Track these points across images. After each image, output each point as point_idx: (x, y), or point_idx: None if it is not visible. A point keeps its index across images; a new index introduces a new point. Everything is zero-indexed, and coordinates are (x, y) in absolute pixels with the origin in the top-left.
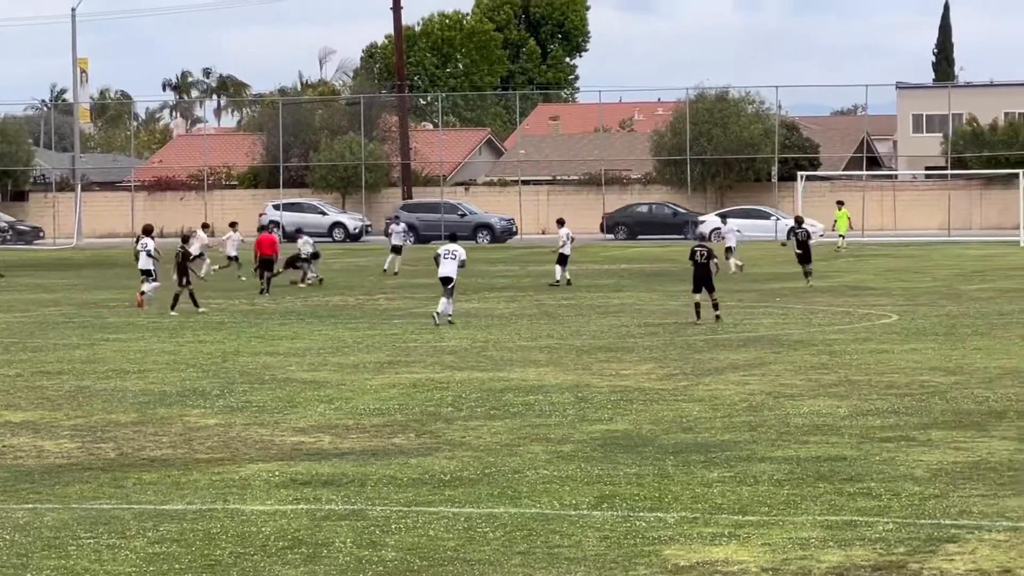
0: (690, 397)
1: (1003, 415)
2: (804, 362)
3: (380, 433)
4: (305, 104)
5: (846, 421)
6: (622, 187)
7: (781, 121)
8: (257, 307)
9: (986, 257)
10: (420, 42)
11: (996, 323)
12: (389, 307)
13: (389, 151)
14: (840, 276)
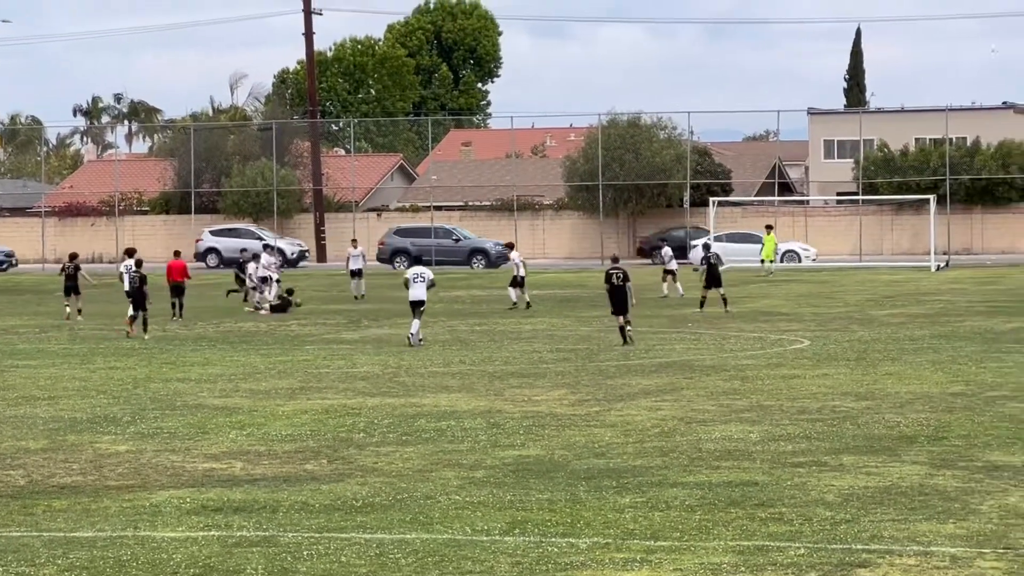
0: (602, 423)
1: (914, 440)
2: (716, 387)
3: (292, 459)
4: (217, 129)
5: (758, 446)
6: (534, 213)
7: (693, 147)
8: (169, 333)
9: (897, 283)
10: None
11: (907, 348)
12: (301, 333)
13: (301, 177)
14: (752, 302)
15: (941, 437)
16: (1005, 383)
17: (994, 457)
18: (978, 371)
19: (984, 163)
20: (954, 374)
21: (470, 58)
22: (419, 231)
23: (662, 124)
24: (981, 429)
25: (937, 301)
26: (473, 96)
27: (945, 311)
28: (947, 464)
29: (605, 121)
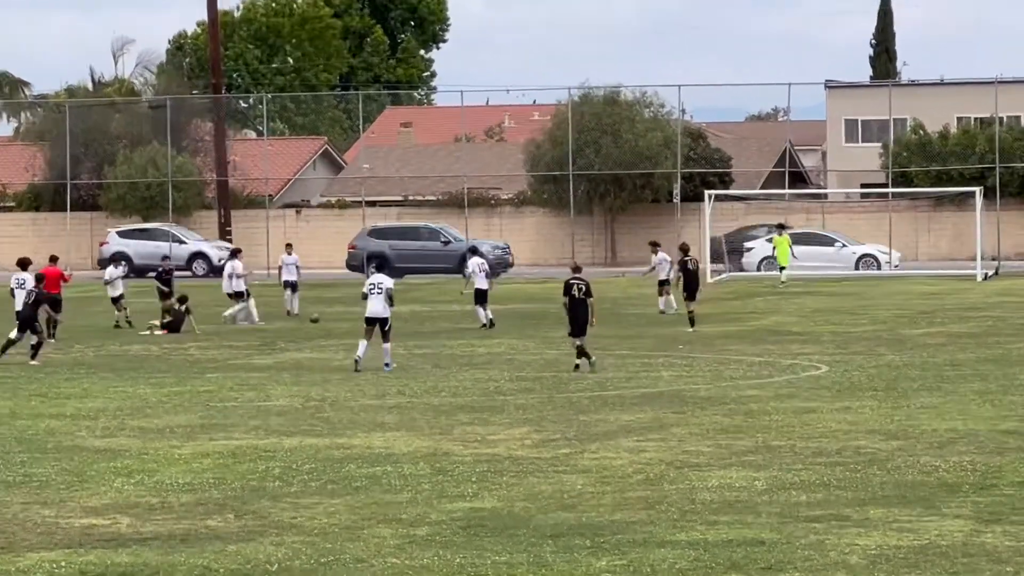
0: (573, 467)
1: (956, 488)
2: (713, 424)
3: (191, 513)
4: (98, 107)
5: (764, 496)
6: (489, 209)
7: (685, 128)
8: (39, 357)
9: (935, 295)
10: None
11: (947, 376)
12: (202, 358)
13: (202, 165)
14: (757, 318)
15: (990, 485)
16: None
17: None
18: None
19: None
20: (1006, 407)
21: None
22: (400, 231)
23: (647, 100)
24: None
25: (985, 317)
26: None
27: (995, 330)
28: (997, 518)
29: (576, 97)
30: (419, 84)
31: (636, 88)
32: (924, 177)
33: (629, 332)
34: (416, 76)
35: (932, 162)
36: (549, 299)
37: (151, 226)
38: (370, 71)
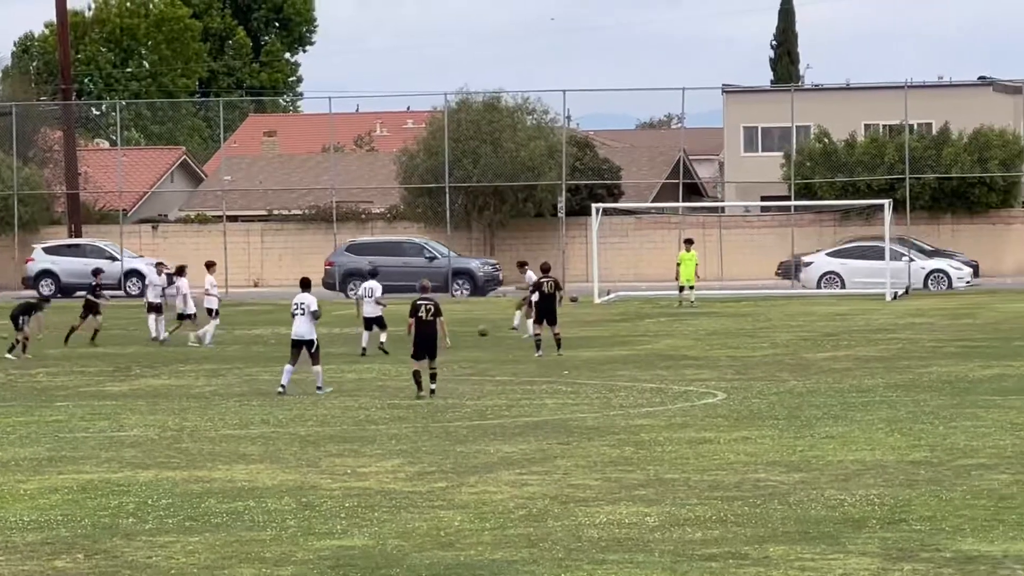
0: (450, 503)
1: (862, 524)
2: (601, 455)
3: (37, 553)
4: None
5: (656, 533)
6: (360, 224)
7: (570, 136)
8: None
9: (842, 316)
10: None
11: (854, 403)
12: (51, 385)
13: (51, 177)
14: (649, 342)
15: (898, 520)
16: (981, 448)
17: (967, 545)
18: (947, 432)
19: (955, 157)
20: (916, 436)
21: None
22: (381, 247)
23: (529, 107)
24: (951, 509)
25: (894, 340)
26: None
27: (904, 353)
28: (906, 555)
29: (454, 103)
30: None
31: (518, 93)
32: (829, 189)
33: (510, 357)
34: (281, 81)
35: (838, 173)
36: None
37: (81, 242)
38: (232, 76)
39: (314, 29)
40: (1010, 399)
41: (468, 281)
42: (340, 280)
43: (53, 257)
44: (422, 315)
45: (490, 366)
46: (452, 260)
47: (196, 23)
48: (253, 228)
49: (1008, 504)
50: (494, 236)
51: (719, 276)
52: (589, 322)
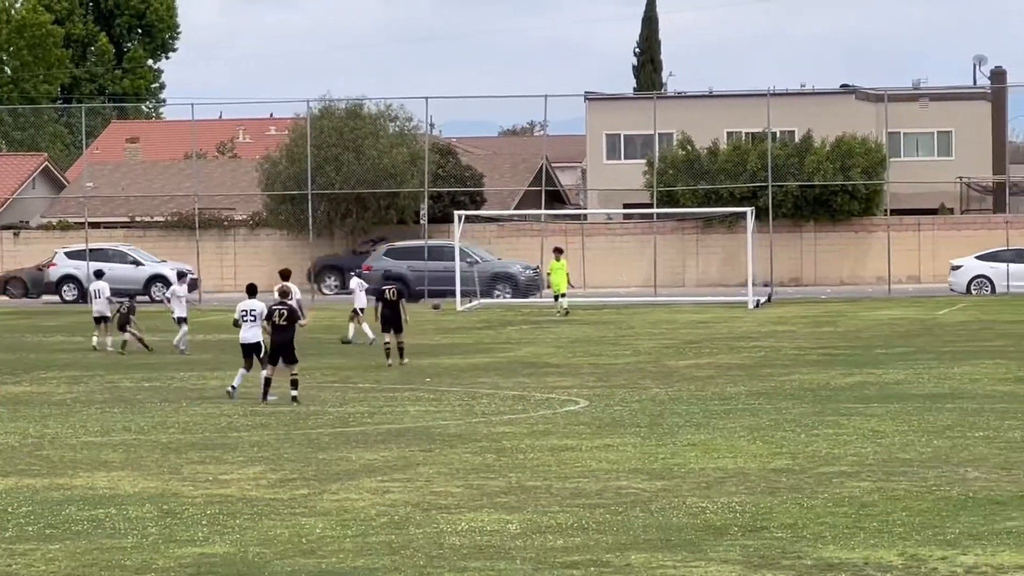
0: (312, 510)
1: (724, 531)
2: (463, 463)
3: None
4: None
5: (518, 541)
6: (223, 231)
7: (433, 144)
8: None
9: (704, 323)
10: None
11: (715, 411)
12: None
13: None
14: (512, 349)
15: (760, 527)
16: (843, 455)
17: (828, 553)
18: (808, 440)
19: (817, 165)
20: (777, 444)
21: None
22: (420, 251)
23: (392, 114)
24: (812, 516)
25: (756, 348)
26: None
27: (767, 361)
28: (767, 563)
29: (316, 110)
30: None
31: (380, 100)
32: (692, 196)
33: (372, 364)
34: (144, 88)
35: (700, 180)
36: None
37: (104, 246)
38: (94, 82)
39: (177, 36)
40: (871, 407)
41: (509, 285)
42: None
43: (76, 262)
44: (275, 320)
45: (352, 373)
46: (493, 264)
47: (58, 29)
48: (115, 235)
49: (869, 512)
50: (356, 242)
51: (582, 284)
52: (451, 329)
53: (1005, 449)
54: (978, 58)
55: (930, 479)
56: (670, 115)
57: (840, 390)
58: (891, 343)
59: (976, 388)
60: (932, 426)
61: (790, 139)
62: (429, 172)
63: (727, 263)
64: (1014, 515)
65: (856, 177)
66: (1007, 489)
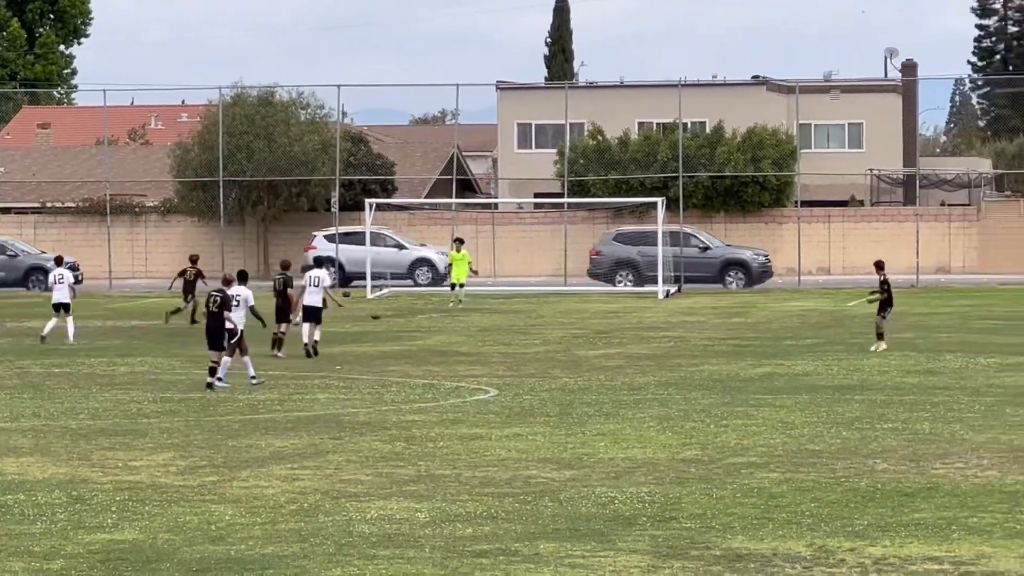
0: (222, 497)
1: (633, 521)
2: (373, 451)
3: None
4: None
5: (427, 529)
6: (134, 217)
7: (345, 132)
8: None
9: (614, 313)
10: None
11: (625, 400)
12: None
13: None
14: (422, 337)
15: (669, 517)
16: (752, 446)
17: (737, 543)
18: (718, 431)
19: (728, 156)
20: (687, 435)
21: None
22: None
23: (303, 101)
24: (721, 507)
25: (666, 338)
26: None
27: (676, 351)
28: (676, 553)
29: (229, 97)
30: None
31: (292, 88)
32: (603, 186)
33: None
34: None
35: (611, 170)
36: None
37: (364, 229)
38: (5, 67)
39: (89, 21)
40: (781, 398)
41: (742, 271)
42: (607, 270)
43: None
44: (210, 307)
45: (262, 360)
46: (725, 250)
47: None
48: (26, 220)
49: (778, 503)
50: (268, 231)
51: (492, 273)
52: (362, 317)
53: (913, 441)
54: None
55: (839, 470)
56: (581, 105)
57: (750, 381)
58: (801, 334)
59: (885, 380)
60: (841, 418)
61: (701, 130)
62: (340, 160)
63: None
64: (922, 507)
65: (767, 168)
66: (915, 481)
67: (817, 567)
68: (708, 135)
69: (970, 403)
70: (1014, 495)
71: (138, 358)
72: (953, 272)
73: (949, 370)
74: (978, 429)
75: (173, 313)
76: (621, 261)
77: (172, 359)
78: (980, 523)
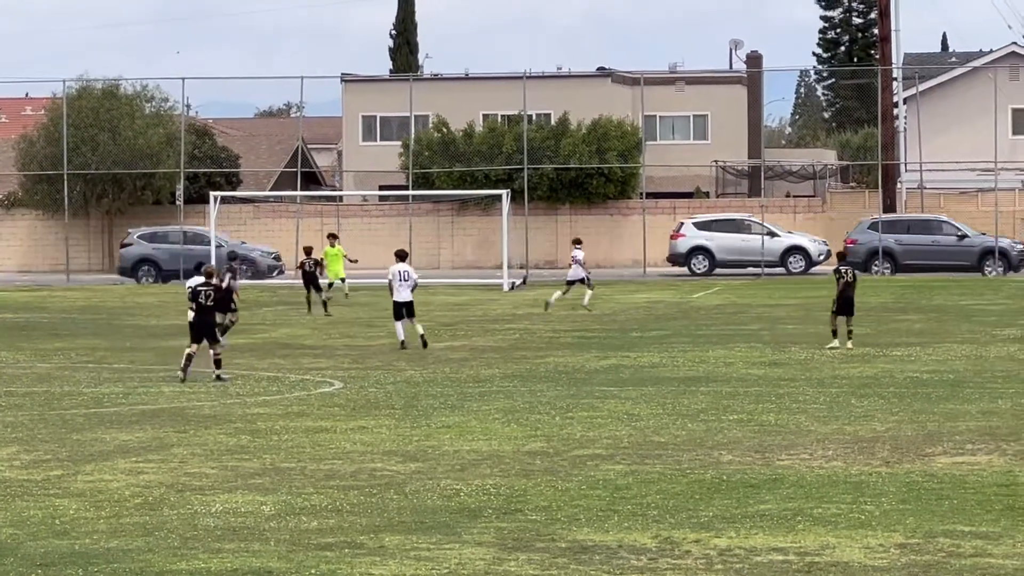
0: (66, 491)
1: (479, 513)
2: (218, 444)
3: None
4: None
5: (273, 522)
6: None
7: (189, 125)
8: None
9: (460, 305)
10: None
11: (470, 393)
12: None
13: None
14: (267, 330)
15: (514, 510)
16: (598, 438)
17: (582, 535)
18: (563, 423)
19: (573, 148)
20: (532, 427)
21: None
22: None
23: (148, 94)
24: (566, 499)
25: (511, 330)
26: None
27: (522, 343)
28: (522, 545)
29: (74, 89)
30: None
31: (137, 81)
32: (447, 178)
33: (127, 344)
34: None
35: (456, 162)
36: (42, 308)
37: (736, 216)
38: None
39: None
40: (626, 390)
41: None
42: (865, 258)
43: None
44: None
45: (107, 354)
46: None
47: None
48: None
49: (623, 495)
50: (113, 224)
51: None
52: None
53: (759, 432)
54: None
55: (684, 462)
56: (426, 97)
57: (595, 373)
58: (646, 326)
59: (730, 371)
60: (687, 409)
61: (546, 122)
62: (185, 153)
63: (482, 245)
64: (767, 498)
65: (612, 160)
66: (760, 472)
67: (662, 558)
68: (553, 127)
69: (815, 394)
70: (858, 485)
71: None
72: None
73: (794, 361)
74: (823, 420)
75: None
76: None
77: (16, 352)
78: (825, 514)
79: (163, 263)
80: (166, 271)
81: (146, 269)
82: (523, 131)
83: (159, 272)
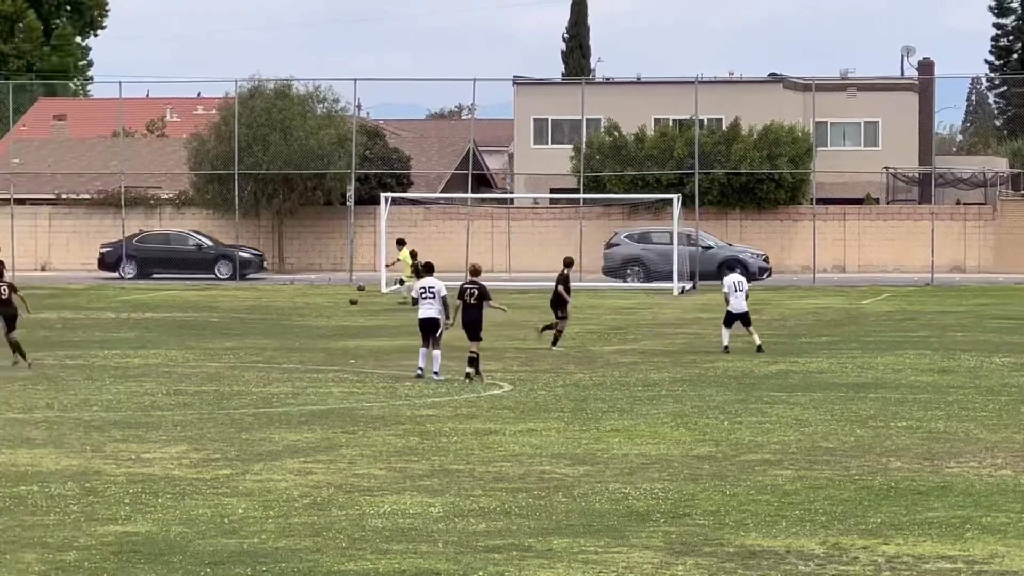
0: (235, 490)
1: (647, 517)
2: (386, 445)
3: None
4: None
5: (441, 524)
6: (148, 209)
7: (360, 125)
8: None
9: (629, 310)
10: None
11: (639, 397)
12: None
13: None
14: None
15: (682, 514)
16: (766, 443)
17: (750, 540)
18: (732, 428)
19: (744, 153)
20: (701, 431)
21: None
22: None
23: (320, 95)
24: (734, 504)
25: (681, 334)
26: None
27: (691, 348)
28: (690, 549)
29: (245, 89)
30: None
31: (309, 81)
32: (618, 182)
33: (296, 344)
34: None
35: (627, 166)
36: (212, 307)
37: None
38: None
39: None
40: (795, 395)
41: None
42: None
43: None
44: (467, 299)
45: (276, 354)
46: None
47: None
48: (41, 212)
49: (791, 500)
50: (283, 224)
51: (507, 268)
52: (376, 311)
53: (927, 439)
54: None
55: (852, 468)
56: (598, 101)
57: (764, 378)
58: (816, 332)
59: (899, 378)
60: (855, 415)
61: (717, 127)
62: (356, 154)
63: None
64: (935, 505)
65: (782, 166)
66: (929, 479)
67: (830, 564)
68: (724, 132)
69: (984, 402)
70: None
71: (152, 350)
72: (968, 271)
73: (964, 369)
74: (992, 428)
75: None
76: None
77: (186, 351)
78: (994, 522)
79: (651, 264)
80: (654, 272)
81: (635, 270)
82: (695, 135)
83: (648, 273)
